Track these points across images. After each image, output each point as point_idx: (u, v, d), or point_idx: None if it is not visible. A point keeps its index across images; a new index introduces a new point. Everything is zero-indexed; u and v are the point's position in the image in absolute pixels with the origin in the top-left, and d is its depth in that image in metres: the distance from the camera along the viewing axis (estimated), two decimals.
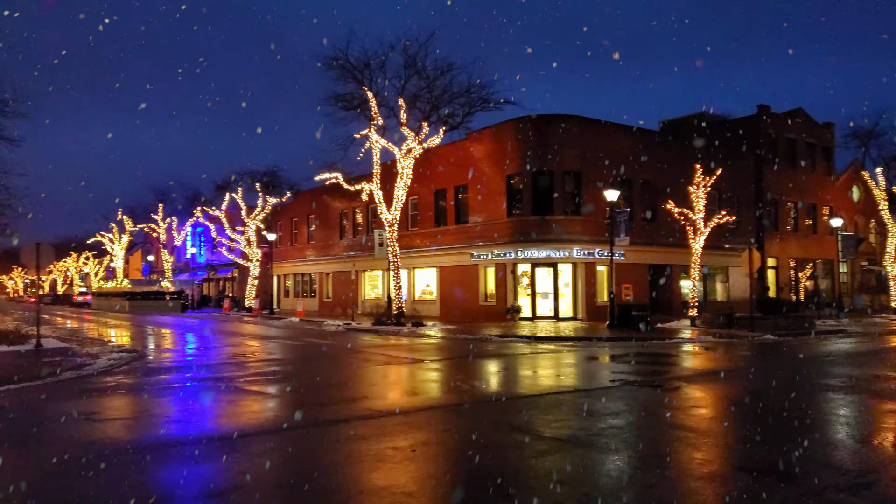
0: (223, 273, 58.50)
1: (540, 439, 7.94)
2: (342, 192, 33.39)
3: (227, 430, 8.84)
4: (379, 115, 28.57)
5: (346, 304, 38.92)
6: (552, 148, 29.61)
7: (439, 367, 15.33)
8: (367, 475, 6.59)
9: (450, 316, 32.49)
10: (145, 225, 62.98)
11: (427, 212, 35.38)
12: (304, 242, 47.68)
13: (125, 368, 15.41)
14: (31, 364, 15.36)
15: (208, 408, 10.78)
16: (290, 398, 11.49)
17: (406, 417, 9.35)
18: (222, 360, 17.43)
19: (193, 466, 7.06)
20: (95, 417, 9.89)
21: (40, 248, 19.78)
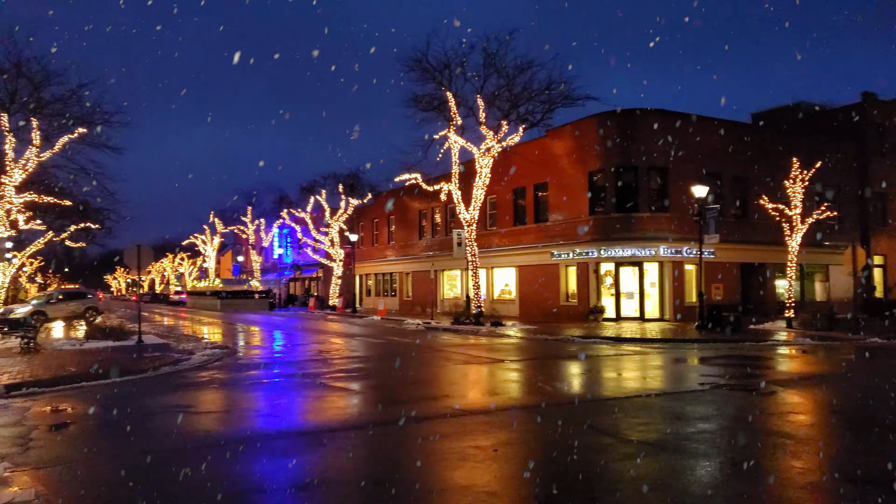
0: (308, 273, 60.35)
1: (625, 442, 7.70)
2: (421, 192, 33.71)
3: (314, 425, 9.07)
4: (458, 115, 28.65)
5: (425, 304, 39.27)
6: (637, 143, 28.80)
7: (520, 368, 15.18)
8: (450, 473, 6.58)
9: (529, 316, 32.17)
10: (235, 227, 65.82)
11: (506, 211, 35.19)
12: (384, 243, 48.50)
13: (218, 364, 16.11)
14: (133, 359, 16.32)
15: (295, 403, 11.10)
16: (373, 395, 11.66)
17: (487, 417, 9.29)
18: (308, 356, 17.93)
19: (282, 459, 7.27)
20: (191, 410, 10.37)
21: (141, 249, 21.00)
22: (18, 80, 27.30)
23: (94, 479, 6.42)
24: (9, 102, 27.04)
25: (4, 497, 5.77)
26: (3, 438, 8.10)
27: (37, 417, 9.63)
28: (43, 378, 12.86)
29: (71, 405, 10.72)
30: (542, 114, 29.52)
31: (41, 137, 26.72)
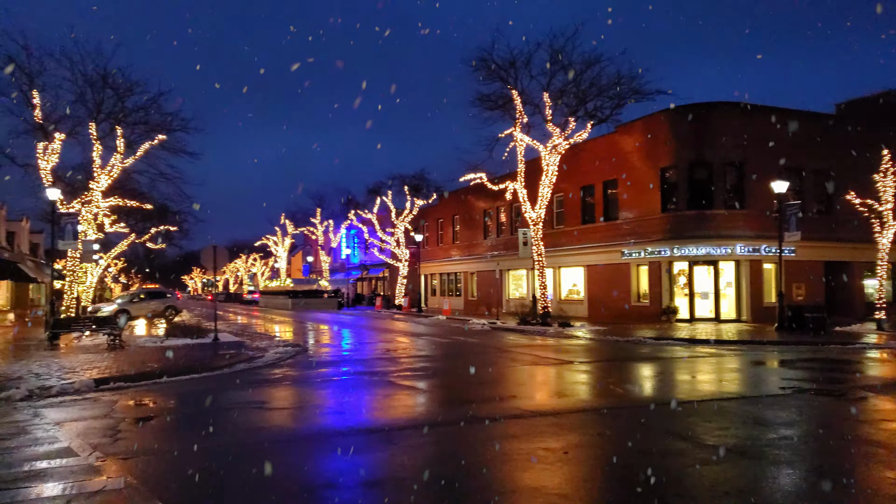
0: (375, 272, 61.26)
1: (701, 447, 7.41)
2: (486, 191, 33.61)
3: (382, 423, 9.15)
4: (524, 114, 28.38)
5: (490, 304, 39.16)
6: (711, 137, 27.80)
7: (589, 369, 14.89)
8: (519, 474, 6.50)
9: (598, 317, 31.57)
10: (305, 228, 67.50)
11: (573, 209, 34.66)
12: (449, 242, 48.67)
13: (290, 362, 16.52)
14: (210, 356, 16.94)
15: (364, 401, 11.24)
16: (440, 394, 11.69)
17: (556, 419, 9.14)
18: (375, 355, 18.16)
19: (352, 456, 7.35)
20: (265, 406, 10.66)
21: (217, 250, 21.81)
22: (104, 91, 28.80)
23: (177, 470, 6.67)
24: (96, 112, 28.55)
25: (97, 484, 6.07)
26: (95, 430, 8.54)
27: (123, 410, 10.11)
28: (128, 373, 13.50)
29: (154, 399, 11.21)
30: (610, 109, 28.81)
31: (124, 144, 28.10)
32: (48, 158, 25.61)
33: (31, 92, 25.98)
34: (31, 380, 12.56)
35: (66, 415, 9.70)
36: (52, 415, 9.65)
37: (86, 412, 9.91)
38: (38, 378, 12.80)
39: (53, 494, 5.83)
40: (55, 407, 10.35)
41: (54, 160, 25.87)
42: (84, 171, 30.87)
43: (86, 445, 7.55)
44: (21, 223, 47.55)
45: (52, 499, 5.72)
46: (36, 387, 11.69)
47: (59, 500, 5.65)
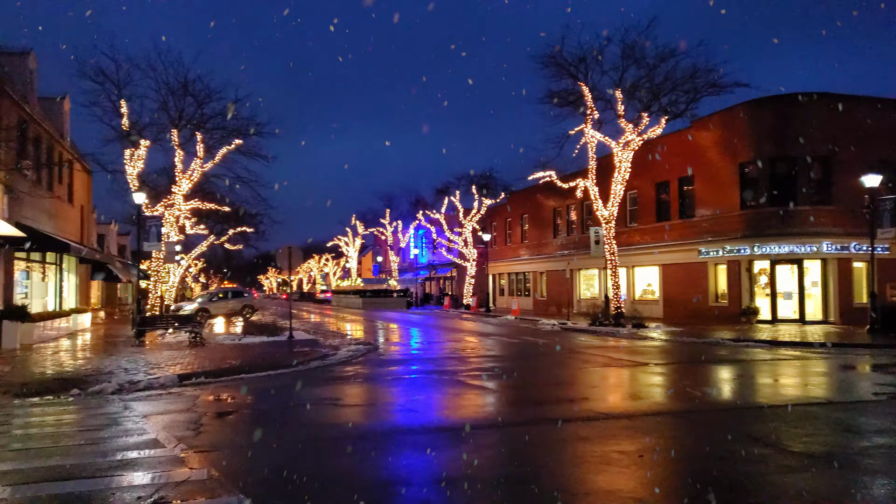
0: (443, 272, 61.60)
1: (786, 454, 7.05)
2: (556, 189, 33.18)
3: (453, 422, 9.17)
4: (595, 110, 27.86)
5: (560, 304, 38.66)
6: (794, 130, 26.49)
7: (664, 372, 14.47)
8: (593, 477, 6.37)
9: (674, 317, 30.65)
10: (375, 229, 68.59)
11: (647, 206, 33.78)
12: (517, 242, 48.36)
13: (361, 360, 16.81)
14: (285, 353, 17.43)
15: (434, 399, 11.30)
16: (510, 394, 11.61)
17: (631, 421, 8.92)
18: (444, 354, 18.23)
19: (424, 453, 7.40)
20: (339, 403, 10.88)
21: (291, 251, 22.43)
22: (185, 99, 30.15)
23: (256, 464, 6.88)
24: (178, 119, 29.91)
25: (182, 475, 6.34)
26: (179, 423, 8.92)
27: (205, 405, 10.53)
28: (209, 369, 14.06)
29: (232, 395, 11.62)
30: (686, 104, 27.83)
31: (204, 150, 29.31)
32: (134, 164, 27.00)
33: (119, 101, 27.47)
34: (121, 374, 13.27)
35: (152, 408, 10.19)
36: (140, 408, 10.15)
37: (170, 406, 10.38)
38: (127, 373, 13.51)
39: (144, 483, 6.13)
40: (142, 400, 10.89)
41: (140, 166, 27.26)
42: (167, 175, 32.41)
43: (171, 438, 7.90)
44: (110, 226, 50.35)
45: (142, 486, 6.01)
46: (125, 381, 12.34)
47: (149, 489, 5.93)
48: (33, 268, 23.14)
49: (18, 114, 20.63)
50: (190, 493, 5.85)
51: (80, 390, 11.60)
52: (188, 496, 5.76)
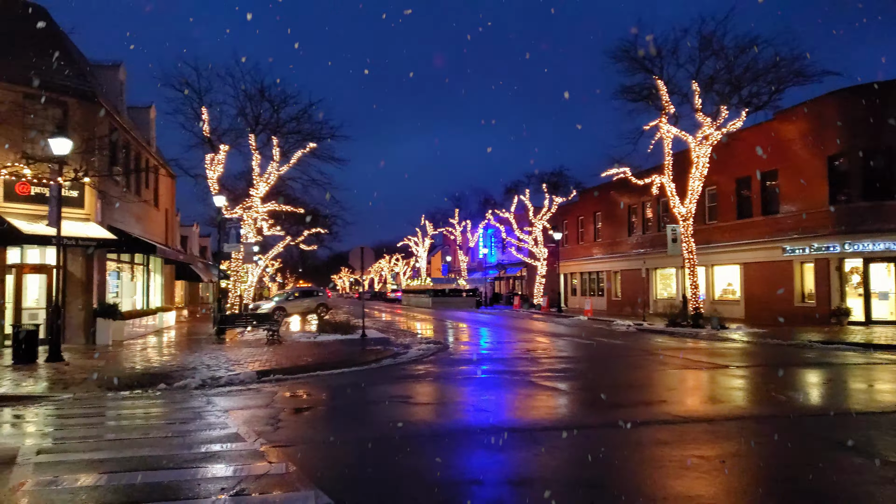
0: (512, 272, 61.26)
1: (882, 464, 6.59)
2: (630, 187, 32.38)
3: (525, 423, 9.08)
4: (670, 104, 27.01)
5: (635, 304, 37.71)
6: (891, 120, 24.86)
7: (746, 375, 13.86)
8: (671, 482, 6.15)
9: (757, 318, 29.34)
10: (443, 229, 68.96)
11: (727, 203, 32.47)
12: (590, 240, 47.50)
13: (432, 358, 16.90)
14: (359, 351, 17.74)
15: (506, 399, 11.22)
16: (583, 396, 11.40)
17: (711, 426, 8.58)
18: (515, 354, 18.09)
19: (496, 453, 7.35)
20: (410, 401, 10.97)
21: (364, 251, 22.81)
22: (262, 105, 31.23)
23: (332, 459, 7.01)
24: (254, 124, 31.01)
25: (262, 469, 6.54)
26: (258, 418, 9.21)
27: (282, 401, 10.83)
28: (286, 366, 14.47)
29: (308, 391, 11.91)
30: (768, 95, 26.54)
31: (280, 153, 30.24)
32: (214, 168, 28.14)
33: (200, 109, 28.72)
34: (204, 371, 13.83)
35: (233, 403, 10.57)
36: (222, 402, 10.54)
37: (250, 401, 10.73)
38: (209, 369, 14.07)
39: (226, 475, 6.36)
40: (224, 395, 11.31)
41: (220, 170, 28.38)
42: (245, 179, 33.59)
43: (251, 432, 8.15)
44: (192, 228, 52.68)
45: (225, 478, 6.23)
46: (208, 377, 12.85)
47: (231, 481, 6.14)
48: (123, 268, 24.46)
49: (110, 123, 21.85)
50: (269, 486, 6.02)
51: (167, 385, 12.17)
52: (267, 489, 5.92)
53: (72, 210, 18.99)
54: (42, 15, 20.37)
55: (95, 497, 5.73)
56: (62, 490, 5.93)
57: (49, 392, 11.40)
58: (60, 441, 8.05)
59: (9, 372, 13.62)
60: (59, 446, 7.72)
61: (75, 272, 19.80)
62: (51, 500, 5.67)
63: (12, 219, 17.94)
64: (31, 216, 18.41)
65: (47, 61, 19.00)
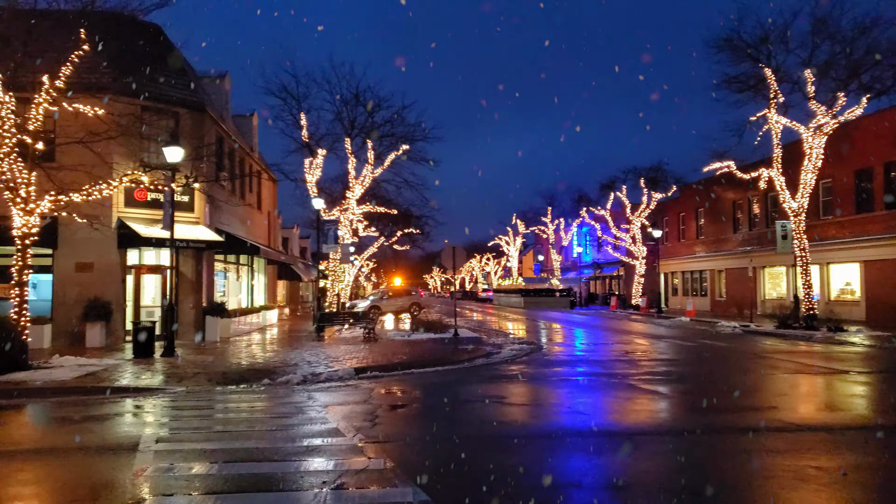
0: (609, 271, 59.75)
1: None
2: (735, 181, 30.76)
3: (623, 427, 8.78)
4: (779, 93, 25.38)
5: (742, 304, 35.79)
6: None
7: (870, 381, 12.81)
8: (786, 493, 5.73)
9: (880, 320, 27.10)
10: (536, 227, 68.19)
11: (844, 196, 30.20)
12: (692, 238, 45.55)
13: (525, 359, 16.71)
14: (451, 350, 17.81)
15: (603, 402, 10.91)
16: (685, 400, 10.91)
17: (829, 434, 7.97)
18: (612, 356, 17.59)
19: (593, 457, 7.14)
20: (504, 401, 10.87)
21: (455, 251, 22.91)
22: (357, 109, 32.11)
23: (429, 457, 7.04)
24: (350, 128, 31.92)
25: (361, 464, 6.66)
26: (357, 414, 9.41)
27: (379, 398, 11.02)
28: (381, 364, 14.74)
29: (404, 389, 12.06)
30: (893, 79, 24.43)
31: (374, 156, 30.95)
32: (313, 172, 29.15)
33: (299, 115, 29.86)
34: (304, 367, 14.32)
35: (332, 398, 10.86)
36: (322, 398, 10.85)
37: (348, 397, 10.99)
38: (310, 365, 14.56)
39: (327, 469, 6.52)
40: (323, 391, 11.65)
41: (318, 174, 29.38)
42: (341, 182, 34.62)
43: (350, 427, 8.33)
44: (293, 230, 54.96)
45: (326, 472, 6.40)
46: (308, 373, 13.29)
47: (332, 475, 6.29)
48: (229, 268, 25.79)
49: (216, 131, 23.10)
50: (368, 481, 6.11)
51: (270, 380, 12.68)
52: (366, 484, 6.02)
53: (183, 214, 20.20)
54: (156, 32, 21.80)
55: (208, 485, 6.02)
56: (178, 477, 6.27)
57: (164, 385, 12.15)
58: (175, 431, 8.54)
59: (129, 365, 14.65)
60: (174, 436, 8.20)
61: (186, 272, 21.05)
62: (168, 486, 6.00)
63: (131, 223, 19.30)
64: (148, 220, 19.74)
65: (161, 75, 20.32)
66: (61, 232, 18.40)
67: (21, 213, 14.12)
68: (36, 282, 17.81)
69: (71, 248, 18.66)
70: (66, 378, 12.55)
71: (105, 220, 18.43)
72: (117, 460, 6.95)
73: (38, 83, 13.98)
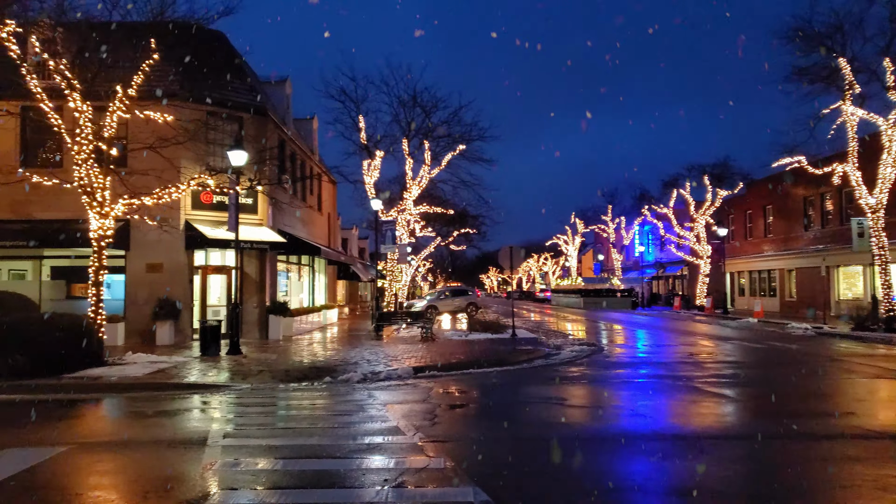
0: (672, 271, 58.25)
1: None
2: (806, 177, 29.46)
3: (689, 431, 8.51)
4: (855, 84, 24.15)
5: (814, 305, 34.27)
6: None
7: None
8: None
9: None
10: (595, 226, 67.12)
11: None
12: (759, 236, 43.90)
13: (585, 360, 16.44)
14: (509, 351, 17.70)
15: (666, 405, 10.62)
16: (754, 404, 10.51)
17: None
18: (676, 358, 17.12)
19: (657, 461, 6.94)
20: (565, 403, 10.72)
21: (513, 250, 22.75)
22: (414, 110, 32.35)
23: (489, 457, 7.00)
24: (407, 129, 32.18)
25: (421, 462, 6.68)
26: (416, 413, 9.45)
27: (438, 397, 11.04)
28: (439, 363, 14.77)
29: (462, 388, 12.04)
30: None
31: (431, 157, 31.10)
32: (371, 174, 29.51)
33: (357, 117, 30.29)
34: (364, 365, 14.49)
35: (392, 397, 10.94)
36: (382, 396, 10.95)
37: (408, 396, 11.05)
38: (369, 364, 14.72)
39: (389, 467, 6.57)
40: (383, 390, 11.75)
41: (376, 175, 29.72)
42: (398, 183, 34.93)
43: (410, 426, 8.37)
44: (351, 231, 55.82)
45: (387, 470, 6.45)
46: (368, 371, 13.44)
47: (393, 473, 6.33)
48: (291, 269, 26.37)
49: (278, 136, 23.66)
50: (428, 480, 6.12)
51: (331, 378, 12.88)
52: (427, 483, 6.02)
53: (247, 216, 20.77)
54: (220, 40, 22.51)
55: (273, 480, 6.16)
56: (245, 471, 6.43)
57: (230, 382, 12.51)
58: (241, 427, 8.77)
59: (197, 363, 15.16)
60: (240, 431, 8.42)
61: (250, 272, 21.64)
62: (236, 480, 6.16)
63: (198, 225, 19.97)
64: (213, 222, 20.38)
65: (225, 81, 20.95)
66: (133, 234, 19.21)
67: (97, 216, 14.81)
68: (110, 282, 18.61)
69: (142, 249, 19.45)
70: (138, 374, 13.08)
71: (173, 223, 19.15)
72: (187, 454, 7.19)
73: (112, 92, 14.64)
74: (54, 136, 17.41)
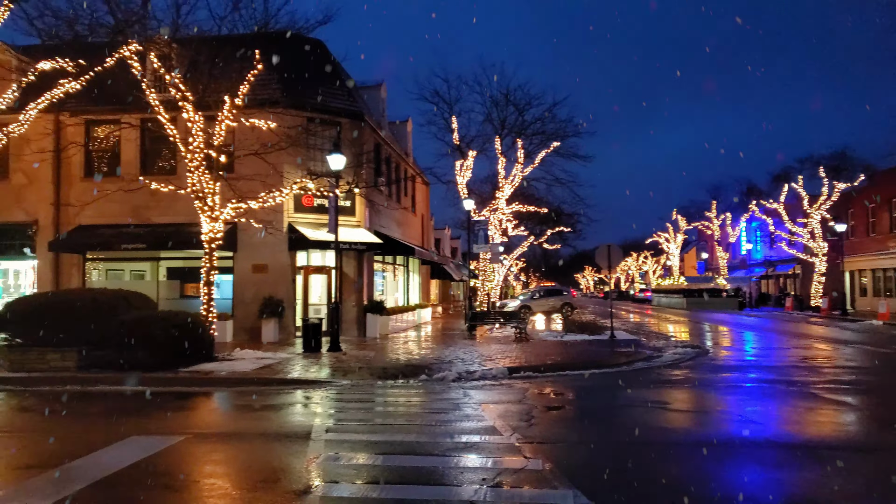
0: (782, 269, 54.91)
1: None
2: None
3: (804, 439, 7.99)
4: None
5: None
6: None
7: None
8: None
9: None
10: (699, 223, 64.30)
11: None
12: (884, 231, 40.57)
13: (689, 363, 15.77)
14: (608, 353, 17.26)
15: (777, 412, 10.01)
16: (879, 413, 9.72)
17: None
18: (788, 362, 16.10)
19: (768, 470, 6.55)
20: (667, 407, 10.32)
21: (611, 249, 22.17)
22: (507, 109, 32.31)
23: (588, 460, 6.85)
24: (500, 128, 32.18)
25: (518, 463, 6.62)
26: (512, 413, 9.39)
27: (533, 398, 10.92)
28: (534, 364, 14.62)
29: (559, 390, 11.86)
30: None
31: (524, 155, 30.88)
32: (463, 174, 29.67)
33: (450, 119, 30.55)
34: (459, 364, 14.57)
35: (487, 397, 10.93)
36: (477, 395, 10.96)
37: (503, 396, 11.00)
38: (464, 363, 14.78)
39: (485, 466, 6.56)
40: (478, 389, 11.76)
41: (468, 175, 29.85)
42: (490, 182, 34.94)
43: (506, 426, 8.32)
44: (444, 231, 56.34)
45: (484, 469, 6.44)
46: (463, 371, 13.50)
47: (490, 472, 6.32)
48: (387, 268, 26.94)
49: (374, 139, 24.22)
50: (526, 481, 6.05)
51: (427, 376, 13.04)
52: (525, 484, 5.96)
53: (346, 218, 21.40)
54: (319, 47, 23.31)
55: (374, 475, 6.30)
56: (347, 466, 6.62)
57: (331, 378, 12.92)
58: (341, 422, 9.03)
59: (299, 359, 15.76)
60: (341, 426, 8.67)
61: (349, 272, 22.28)
62: (339, 474, 6.35)
63: (300, 227, 20.79)
64: (314, 224, 21.15)
65: (323, 88, 21.68)
66: (240, 236, 20.26)
67: (208, 220, 15.73)
68: (219, 282, 19.71)
69: (248, 250, 20.48)
70: (246, 370, 13.76)
71: (277, 225, 20.02)
72: (291, 447, 7.48)
73: (221, 102, 15.50)
74: (169, 146, 18.68)
